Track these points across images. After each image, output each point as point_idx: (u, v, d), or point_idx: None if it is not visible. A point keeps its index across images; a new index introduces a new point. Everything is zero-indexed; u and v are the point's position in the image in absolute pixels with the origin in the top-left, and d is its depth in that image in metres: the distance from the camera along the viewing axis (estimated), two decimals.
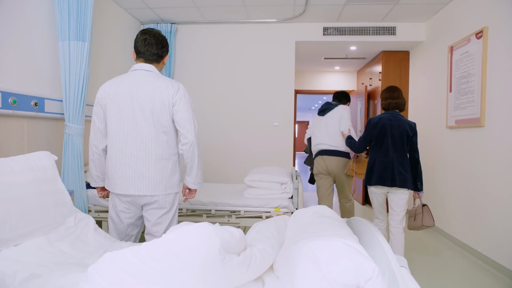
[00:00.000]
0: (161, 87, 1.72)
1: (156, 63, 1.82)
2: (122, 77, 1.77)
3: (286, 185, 2.74)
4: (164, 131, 1.75)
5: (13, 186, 1.42)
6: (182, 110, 1.74)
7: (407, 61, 4.64)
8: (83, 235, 1.66)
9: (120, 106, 1.71)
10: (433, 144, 3.84)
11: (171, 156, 1.80)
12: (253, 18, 4.13)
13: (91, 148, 1.82)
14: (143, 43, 1.76)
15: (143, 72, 1.76)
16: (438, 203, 3.69)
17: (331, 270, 0.93)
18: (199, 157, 1.82)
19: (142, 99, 1.70)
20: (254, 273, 1.11)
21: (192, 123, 1.77)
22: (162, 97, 1.71)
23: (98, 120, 1.78)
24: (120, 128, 1.72)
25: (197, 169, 1.83)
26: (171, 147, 1.79)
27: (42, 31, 2.51)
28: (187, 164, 1.83)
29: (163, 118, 1.73)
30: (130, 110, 1.71)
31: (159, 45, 1.79)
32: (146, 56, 1.78)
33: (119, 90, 1.72)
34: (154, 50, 1.77)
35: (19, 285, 1.15)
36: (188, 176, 1.86)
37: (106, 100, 1.73)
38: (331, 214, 1.45)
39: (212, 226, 1.03)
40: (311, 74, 6.48)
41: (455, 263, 2.87)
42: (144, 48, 1.76)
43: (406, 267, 1.04)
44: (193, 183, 1.86)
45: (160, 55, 1.81)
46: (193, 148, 1.77)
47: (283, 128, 4.28)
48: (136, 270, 0.96)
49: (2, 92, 2.10)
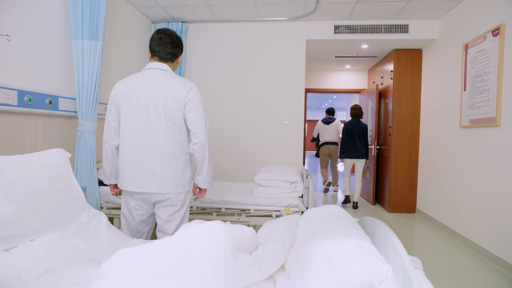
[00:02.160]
0: (174, 86, 1.74)
1: (170, 62, 1.85)
2: (136, 75, 1.79)
3: (296, 184, 2.73)
4: (177, 129, 1.76)
5: (29, 183, 1.44)
6: (194, 109, 1.76)
7: (420, 59, 4.56)
8: (96, 232, 1.68)
9: (133, 104, 1.73)
10: (446, 144, 3.77)
11: (183, 155, 1.81)
12: (263, 16, 4.11)
13: (105, 146, 1.85)
14: (158, 42, 1.79)
15: (157, 71, 1.78)
16: (450, 203, 3.63)
17: (344, 270, 0.92)
18: (209, 157, 1.83)
19: (155, 97, 1.72)
20: (266, 272, 1.10)
21: (204, 123, 1.79)
22: (175, 96, 1.72)
23: (112, 118, 1.80)
24: (133, 126, 1.74)
25: (208, 169, 1.84)
26: (183, 146, 1.80)
27: (57, 31, 2.55)
28: (198, 163, 1.84)
29: (175, 117, 1.74)
30: (143, 108, 1.72)
31: (174, 44, 1.82)
32: (161, 55, 1.81)
33: (133, 88, 1.74)
34: (169, 49, 1.80)
35: (34, 280, 1.17)
36: (199, 175, 1.88)
37: (120, 98, 1.75)
38: (343, 214, 1.44)
39: (224, 225, 1.03)
40: (322, 73, 6.43)
41: (469, 265, 2.82)
42: (159, 47, 1.79)
43: (420, 269, 1.02)
44: (204, 182, 1.87)
45: (174, 54, 1.84)
46: (203, 148, 1.79)
47: (293, 127, 4.26)
48: (149, 267, 0.96)
49: (18, 90, 2.14)
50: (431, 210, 4.14)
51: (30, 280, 1.16)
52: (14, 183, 1.37)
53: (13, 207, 1.30)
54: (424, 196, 4.38)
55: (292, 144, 4.27)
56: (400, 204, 4.67)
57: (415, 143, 4.61)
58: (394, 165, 4.67)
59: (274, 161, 4.22)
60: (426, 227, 3.93)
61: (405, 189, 4.65)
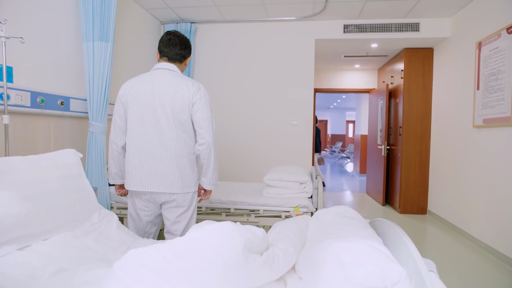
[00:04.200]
0: (182, 86, 1.74)
1: (178, 63, 1.86)
2: (144, 75, 1.80)
3: (305, 184, 2.71)
4: (184, 129, 1.77)
5: (42, 183, 1.47)
6: (201, 110, 1.76)
7: (431, 58, 4.50)
8: (107, 231, 1.70)
9: (141, 104, 1.74)
10: (458, 144, 3.71)
11: (190, 155, 1.81)
12: (272, 16, 4.11)
13: (111, 145, 1.86)
14: (168, 42, 1.81)
15: (165, 71, 1.79)
16: (463, 204, 3.57)
17: (356, 272, 0.91)
18: (215, 158, 1.83)
19: (163, 97, 1.73)
20: (277, 273, 1.10)
21: (210, 123, 1.79)
22: (182, 96, 1.73)
23: (119, 118, 1.81)
24: (140, 125, 1.75)
25: (213, 170, 1.85)
26: (190, 146, 1.81)
27: (68, 33, 2.59)
28: (203, 164, 1.85)
29: (182, 117, 1.75)
30: (151, 108, 1.73)
31: (182, 45, 1.84)
32: (170, 55, 1.83)
33: (140, 87, 1.75)
34: (177, 50, 1.83)
35: (48, 278, 1.18)
36: (204, 176, 1.88)
37: (128, 97, 1.77)
38: (354, 215, 1.43)
39: (235, 226, 1.03)
40: (331, 73, 6.40)
41: (482, 267, 2.76)
42: (168, 48, 1.81)
43: (434, 271, 1.00)
44: (208, 184, 1.87)
45: (183, 55, 1.86)
46: (209, 149, 1.79)
47: (302, 127, 4.24)
48: (160, 268, 0.97)
49: (31, 91, 2.18)
50: (443, 211, 4.08)
51: (43, 278, 1.18)
52: (29, 183, 1.40)
53: (28, 206, 1.33)
54: (436, 197, 4.31)
55: (301, 144, 4.25)
56: (411, 205, 4.61)
57: (426, 143, 4.55)
58: (404, 166, 4.61)
59: (282, 161, 4.21)
60: (438, 229, 3.87)
61: (416, 190, 4.59)
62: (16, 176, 1.37)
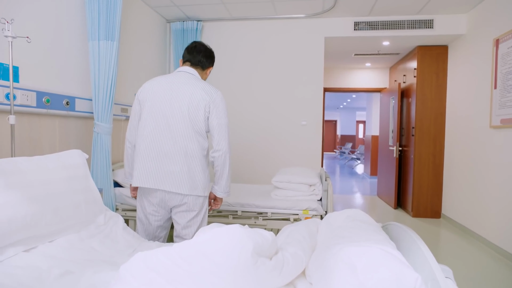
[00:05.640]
0: (200, 89, 1.80)
1: (200, 69, 1.95)
2: (165, 76, 1.88)
3: (315, 186, 2.70)
4: (197, 131, 1.79)
5: (48, 184, 1.49)
6: (218, 116, 1.82)
7: (445, 56, 4.44)
8: (113, 234, 1.71)
9: (156, 101, 1.78)
10: (474, 145, 3.66)
11: (202, 158, 1.83)
12: (280, 14, 4.10)
13: (126, 144, 1.92)
14: (192, 49, 1.92)
15: (186, 74, 1.86)
16: (479, 208, 3.51)
17: (369, 278, 0.90)
18: (229, 167, 1.87)
19: (180, 97, 1.77)
20: (287, 278, 1.10)
21: (226, 131, 1.84)
22: (199, 99, 1.77)
23: (134, 116, 1.87)
24: (153, 121, 1.78)
25: (227, 179, 1.88)
26: (203, 149, 1.83)
27: (73, 32, 2.62)
28: (217, 172, 1.88)
29: (198, 119, 1.78)
30: (167, 107, 1.77)
31: (207, 53, 1.95)
32: (193, 61, 1.92)
33: (158, 86, 1.81)
34: (201, 57, 1.92)
35: (54, 281, 1.20)
36: (216, 184, 1.91)
37: (144, 94, 1.82)
38: (366, 218, 1.41)
39: (244, 229, 1.03)
40: (341, 71, 6.37)
41: (500, 274, 2.72)
42: (192, 54, 1.92)
43: (451, 278, 0.99)
44: (222, 191, 1.91)
45: (205, 63, 1.94)
46: (225, 157, 1.83)
47: (311, 127, 4.23)
48: (167, 271, 0.97)
49: (36, 91, 2.22)
50: (458, 215, 4.02)
51: (49, 281, 1.20)
52: (35, 184, 1.42)
53: (34, 208, 1.35)
54: (450, 200, 4.26)
55: (310, 145, 4.23)
56: (424, 209, 4.56)
57: (440, 144, 4.49)
58: (417, 167, 4.57)
59: (290, 163, 4.20)
60: (453, 233, 3.82)
61: (429, 192, 4.54)
62: (23, 177, 1.39)
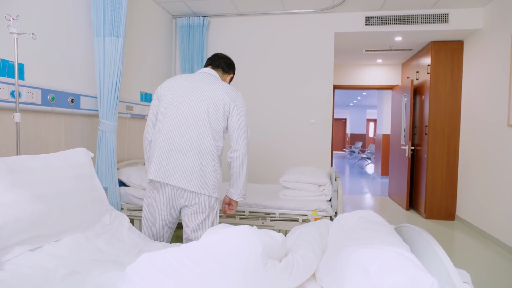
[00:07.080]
0: (220, 90, 1.83)
1: (221, 72, 2.04)
2: (186, 75, 1.93)
3: (324, 186, 2.69)
4: (214, 129, 1.81)
5: (54, 182, 1.50)
6: (238, 117, 1.85)
7: (461, 52, 4.38)
8: (118, 233, 1.73)
9: (175, 98, 1.81)
10: (491, 144, 3.61)
11: (215, 157, 1.83)
12: (289, 9, 4.09)
13: (144, 141, 1.97)
14: (215, 56, 2.06)
15: (207, 74, 1.93)
16: (496, 210, 3.46)
17: (383, 281, 0.90)
18: (246, 169, 1.89)
19: (200, 96, 1.80)
20: (297, 280, 1.09)
21: (245, 131, 1.86)
22: (219, 98, 1.81)
23: (152, 112, 1.91)
24: (171, 118, 1.79)
25: (244, 181, 1.90)
26: (218, 148, 1.84)
27: (79, 29, 2.65)
28: (234, 173, 1.89)
29: (215, 119, 1.81)
30: (185, 104, 1.79)
31: (227, 61, 2.07)
32: (214, 64, 2.02)
33: (178, 83, 1.85)
34: (222, 62, 2.03)
35: (60, 281, 1.21)
36: (233, 187, 1.92)
37: (164, 90, 1.86)
38: (378, 220, 1.40)
39: (253, 229, 1.03)
40: (351, 68, 6.33)
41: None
42: (214, 59, 2.04)
43: (469, 283, 0.97)
44: (238, 194, 1.93)
45: (225, 68, 2.04)
46: (243, 158, 1.86)
47: (320, 125, 4.21)
48: (175, 273, 0.97)
49: (42, 89, 2.24)
50: (474, 217, 3.97)
51: (56, 280, 1.21)
52: (41, 183, 1.44)
53: (40, 206, 1.37)
54: (465, 201, 4.21)
55: (319, 144, 4.22)
56: (438, 210, 4.51)
57: (455, 143, 4.44)
58: (430, 167, 4.52)
59: (299, 162, 4.19)
60: (468, 236, 3.77)
61: (443, 193, 4.49)
62: (29, 176, 1.41)
